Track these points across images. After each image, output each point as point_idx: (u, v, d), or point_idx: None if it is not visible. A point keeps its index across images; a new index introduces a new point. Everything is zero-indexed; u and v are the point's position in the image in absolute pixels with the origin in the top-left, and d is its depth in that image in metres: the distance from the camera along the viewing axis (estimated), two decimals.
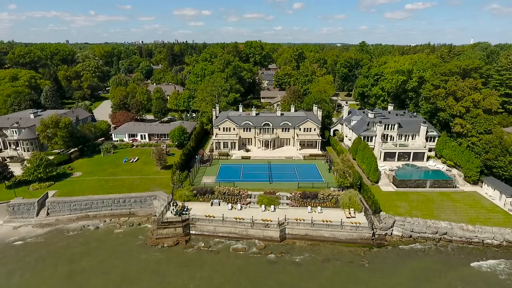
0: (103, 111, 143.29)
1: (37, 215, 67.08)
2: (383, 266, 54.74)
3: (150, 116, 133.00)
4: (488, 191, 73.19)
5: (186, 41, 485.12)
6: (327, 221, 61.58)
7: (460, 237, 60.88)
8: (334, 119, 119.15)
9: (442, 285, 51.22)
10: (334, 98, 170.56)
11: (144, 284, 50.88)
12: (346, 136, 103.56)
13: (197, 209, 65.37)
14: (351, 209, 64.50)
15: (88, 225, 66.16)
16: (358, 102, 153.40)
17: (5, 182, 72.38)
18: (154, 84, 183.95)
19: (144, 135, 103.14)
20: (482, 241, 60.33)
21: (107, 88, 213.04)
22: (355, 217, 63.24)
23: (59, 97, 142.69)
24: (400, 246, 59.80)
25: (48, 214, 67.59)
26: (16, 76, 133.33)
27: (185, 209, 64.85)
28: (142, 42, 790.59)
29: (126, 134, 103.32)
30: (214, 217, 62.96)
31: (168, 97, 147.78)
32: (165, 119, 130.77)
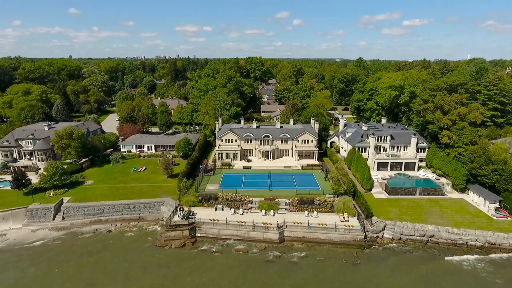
0: (109, 124, 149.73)
1: (53, 219, 72.11)
2: (373, 264, 59.64)
3: (155, 129, 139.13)
4: (473, 198, 78.36)
5: (188, 56, 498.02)
6: (322, 225, 66.65)
7: (446, 239, 65.79)
8: (331, 132, 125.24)
9: (422, 274, 57.24)
10: (332, 112, 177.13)
11: (155, 280, 55.58)
12: (342, 148, 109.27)
13: (202, 213, 70.50)
14: (345, 213, 69.65)
15: (101, 229, 71.18)
16: (354, 116, 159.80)
17: (23, 189, 77.65)
18: (159, 98, 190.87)
19: (151, 146, 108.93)
20: (466, 242, 65.17)
21: (112, 102, 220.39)
22: (348, 221, 68.31)
23: (68, 111, 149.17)
24: (390, 247, 64.73)
25: (63, 218, 72.66)
26: (28, 91, 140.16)
27: (191, 214, 69.92)
28: (144, 57, 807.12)
29: (134, 146, 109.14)
30: (218, 220, 68.03)
31: (172, 111, 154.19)
32: (170, 131, 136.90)
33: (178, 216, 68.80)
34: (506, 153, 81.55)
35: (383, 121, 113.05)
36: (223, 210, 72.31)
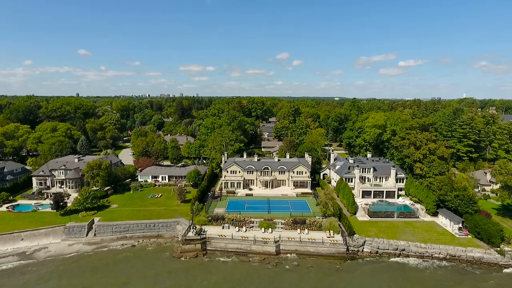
0: (123, 158, 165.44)
1: (87, 235, 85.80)
2: (352, 271, 72.86)
3: (167, 162, 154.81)
4: (442, 220, 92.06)
5: (193, 96, 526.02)
6: (312, 240, 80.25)
7: (415, 252, 78.95)
8: (324, 165, 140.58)
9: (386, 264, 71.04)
10: (327, 147, 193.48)
11: (174, 282, 68.61)
12: (333, 179, 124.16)
13: (211, 231, 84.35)
14: (331, 231, 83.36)
15: (126, 244, 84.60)
16: (347, 151, 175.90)
17: (61, 210, 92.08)
18: (169, 135, 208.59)
19: (165, 177, 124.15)
20: (432, 255, 78.28)
21: (124, 138, 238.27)
22: (333, 237, 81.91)
23: (89, 146, 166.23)
24: (367, 259, 77.81)
25: (95, 234, 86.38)
26: (55, 128, 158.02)
27: (202, 231, 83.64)
28: (148, 95, 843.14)
29: (150, 176, 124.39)
30: (225, 236, 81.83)
31: (181, 146, 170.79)
32: (180, 164, 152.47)
33: (192, 232, 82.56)
34: (468, 182, 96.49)
35: (369, 155, 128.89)
36: (229, 228, 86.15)
